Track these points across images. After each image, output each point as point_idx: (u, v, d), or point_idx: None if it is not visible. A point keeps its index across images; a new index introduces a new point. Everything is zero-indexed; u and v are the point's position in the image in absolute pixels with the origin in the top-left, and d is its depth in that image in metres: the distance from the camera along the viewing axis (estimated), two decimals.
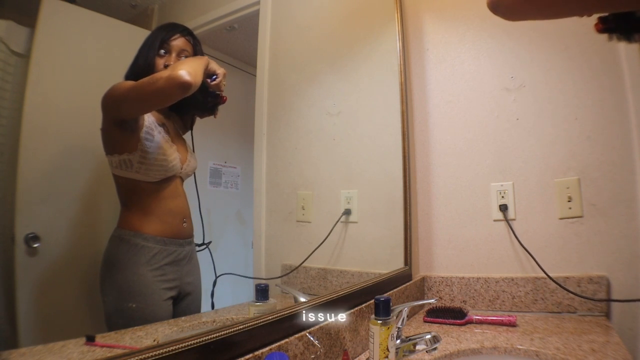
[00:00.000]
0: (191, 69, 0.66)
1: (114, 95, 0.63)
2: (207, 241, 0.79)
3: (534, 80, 1.31)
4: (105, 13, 0.67)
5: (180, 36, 0.74)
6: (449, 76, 1.47)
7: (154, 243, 0.67)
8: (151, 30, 0.74)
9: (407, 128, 1.41)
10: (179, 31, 0.74)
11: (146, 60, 0.70)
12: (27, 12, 0.56)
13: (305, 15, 1.23)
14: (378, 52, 1.45)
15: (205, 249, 0.79)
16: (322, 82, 1.24)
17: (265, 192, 0.99)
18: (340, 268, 1.13)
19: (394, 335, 0.74)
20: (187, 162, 0.75)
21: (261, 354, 0.61)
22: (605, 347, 0.85)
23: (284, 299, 0.92)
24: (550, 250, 1.22)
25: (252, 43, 1.02)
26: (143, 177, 0.67)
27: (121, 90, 0.65)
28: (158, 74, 0.67)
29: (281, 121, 1.09)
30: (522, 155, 1.31)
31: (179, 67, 0.66)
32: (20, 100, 0.54)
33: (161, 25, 0.75)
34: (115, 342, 0.56)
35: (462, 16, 1.46)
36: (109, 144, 0.64)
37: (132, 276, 0.65)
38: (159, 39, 0.72)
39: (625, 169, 1.16)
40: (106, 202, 0.66)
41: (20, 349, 0.49)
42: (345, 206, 1.22)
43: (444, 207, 1.43)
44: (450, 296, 1.35)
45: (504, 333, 1.01)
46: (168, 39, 0.73)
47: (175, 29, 0.74)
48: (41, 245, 0.55)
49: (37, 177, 0.57)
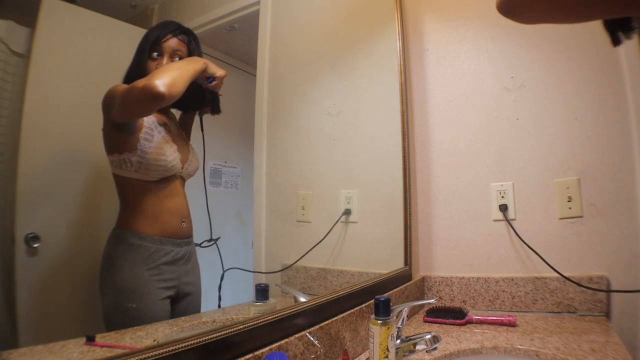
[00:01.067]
0: (169, 78, 0.62)
1: (107, 99, 0.63)
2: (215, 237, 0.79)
3: (534, 80, 1.31)
4: (105, 13, 0.67)
5: (172, 36, 0.72)
6: (449, 76, 1.47)
7: (150, 242, 0.67)
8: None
9: (407, 128, 1.41)
10: (169, 31, 0.71)
11: (139, 66, 0.68)
12: (27, 12, 0.56)
13: (305, 15, 1.23)
14: (378, 52, 1.45)
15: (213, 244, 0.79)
16: (322, 82, 1.24)
17: (265, 192, 0.99)
18: (340, 268, 1.13)
19: (394, 335, 0.74)
20: (188, 162, 0.75)
21: (261, 354, 0.61)
22: (605, 347, 0.85)
23: (284, 299, 0.92)
24: (550, 250, 1.22)
25: (252, 43, 1.02)
26: (142, 177, 0.67)
27: (112, 95, 0.63)
28: (137, 81, 0.63)
29: (281, 121, 1.09)
30: (522, 155, 1.31)
31: (156, 76, 0.62)
32: (20, 100, 0.54)
33: (154, 25, 0.72)
34: (115, 342, 0.56)
35: (462, 16, 1.46)
36: (109, 144, 0.64)
37: (128, 275, 0.65)
38: (150, 41, 0.69)
39: (625, 169, 1.16)
40: (106, 202, 0.66)
41: (20, 349, 0.49)
42: (345, 206, 1.22)
43: (444, 207, 1.43)
44: (450, 296, 1.35)
45: (504, 333, 1.01)
46: (160, 40, 0.70)
47: (165, 29, 0.71)
48: (41, 245, 0.55)
49: (37, 177, 0.57)
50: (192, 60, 0.73)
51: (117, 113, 0.63)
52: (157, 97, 0.60)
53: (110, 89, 0.63)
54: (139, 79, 0.64)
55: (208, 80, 0.75)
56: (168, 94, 0.61)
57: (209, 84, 0.75)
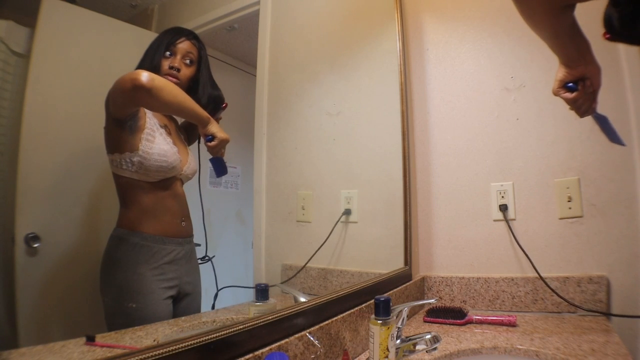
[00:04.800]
0: (160, 81, 0.64)
1: (110, 93, 0.63)
2: (210, 255, 0.80)
3: (534, 80, 1.31)
4: (105, 13, 0.67)
5: (186, 39, 0.76)
6: (449, 76, 1.47)
7: (152, 242, 0.67)
8: (151, 30, 0.74)
9: (407, 128, 1.41)
10: (184, 34, 0.76)
11: (152, 61, 0.71)
12: (27, 12, 0.56)
13: (305, 15, 1.23)
14: (378, 52, 1.45)
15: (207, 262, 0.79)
16: (322, 82, 1.24)
17: (265, 192, 0.99)
18: (340, 268, 1.13)
19: (394, 335, 0.74)
20: (187, 165, 0.75)
21: (261, 354, 0.61)
22: (605, 347, 0.85)
23: (284, 299, 0.92)
24: (550, 250, 1.22)
25: (252, 43, 1.02)
26: (142, 177, 0.67)
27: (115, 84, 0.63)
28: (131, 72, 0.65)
29: (281, 121, 1.09)
30: (522, 155, 1.31)
31: (150, 74, 0.63)
32: (20, 100, 0.54)
33: (168, 29, 0.76)
34: (115, 342, 0.56)
35: (462, 16, 1.46)
36: (111, 143, 0.64)
37: (131, 275, 0.65)
38: (165, 42, 0.73)
39: (625, 169, 1.16)
40: (107, 201, 0.66)
41: (20, 349, 0.49)
42: (345, 206, 1.22)
43: (444, 207, 1.43)
44: (450, 296, 1.35)
45: (504, 333, 1.01)
46: (174, 41, 0.74)
47: (181, 33, 0.76)
48: (41, 245, 0.55)
49: (37, 177, 0.57)
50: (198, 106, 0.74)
51: (109, 103, 0.63)
52: (137, 85, 0.61)
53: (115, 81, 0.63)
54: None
55: (207, 139, 0.75)
56: (148, 87, 0.62)
57: (207, 142, 0.76)
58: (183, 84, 0.75)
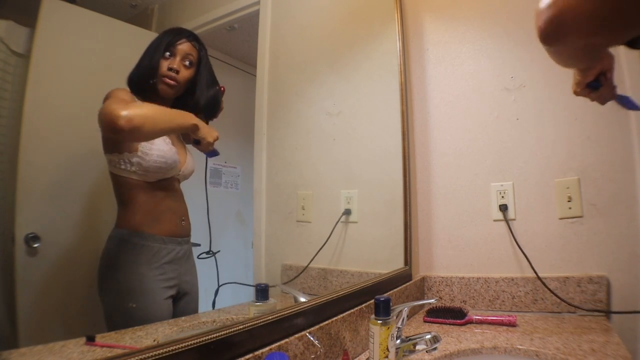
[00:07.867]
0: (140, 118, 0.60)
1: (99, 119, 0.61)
2: (214, 249, 0.80)
3: (534, 80, 1.31)
4: (105, 13, 0.67)
5: (186, 41, 0.75)
6: (449, 76, 1.47)
7: (153, 242, 0.67)
8: (151, 31, 0.74)
9: (407, 128, 1.41)
10: (185, 36, 0.75)
11: (151, 61, 0.70)
12: (27, 12, 0.56)
13: (305, 15, 1.23)
14: (378, 52, 1.45)
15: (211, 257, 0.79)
16: (322, 82, 1.24)
17: (265, 192, 0.99)
18: (340, 268, 1.13)
19: (394, 335, 0.74)
20: (185, 165, 0.75)
21: (261, 354, 0.61)
22: (605, 347, 0.85)
23: (284, 299, 0.92)
24: (550, 251, 1.22)
25: (252, 43, 1.02)
26: (141, 177, 0.67)
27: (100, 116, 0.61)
28: (115, 98, 0.62)
29: (281, 121, 1.09)
30: (522, 155, 1.31)
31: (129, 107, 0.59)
32: (20, 100, 0.54)
33: (168, 29, 0.75)
34: (115, 342, 0.56)
35: (462, 16, 1.46)
36: (110, 143, 0.64)
37: (132, 276, 0.65)
38: (165, 42, 0.72)
39: (625, 169, 1.16)
40: (106, 201, 0.66)
41: (20, 349, 0.49)
42: (346, 206, 1.22)
43: (444, 207, 1.43)
44: (450, 296, 1.35)
45: (504, 333, 1.01)
46: (174, 42, 0.73)
47: (181, 34, 0.75)
48: (41, 245, 0.55)
49: (37, 177, 0.57)
50: (184, 115, 0.72)
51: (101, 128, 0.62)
52: (114, 128, 0.58)
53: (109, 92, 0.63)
54: (149, 75, 0.67)
55: (195, 142, 0.75)
56: (127, 130, 0.58)
57: (195, 145, 0.76)
58: (181, 85, 0.74)
